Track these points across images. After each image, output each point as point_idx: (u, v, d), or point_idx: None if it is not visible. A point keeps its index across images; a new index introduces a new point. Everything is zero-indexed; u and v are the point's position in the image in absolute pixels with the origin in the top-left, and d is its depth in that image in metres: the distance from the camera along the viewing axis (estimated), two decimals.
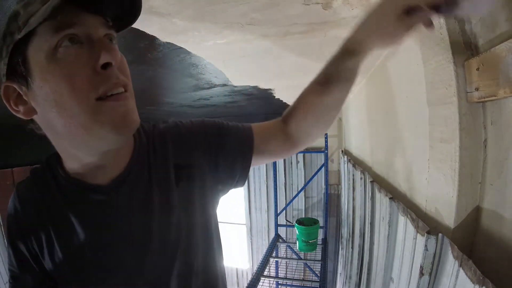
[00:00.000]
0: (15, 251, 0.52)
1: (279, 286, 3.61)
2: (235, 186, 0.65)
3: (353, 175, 2.34)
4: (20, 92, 0.42)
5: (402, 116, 1.18)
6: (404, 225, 1.00)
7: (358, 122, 2.44)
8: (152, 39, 1.02)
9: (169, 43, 1.09)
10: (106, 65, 0.42)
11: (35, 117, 0.45)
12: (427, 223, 0.83)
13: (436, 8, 0.43)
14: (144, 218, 0.52)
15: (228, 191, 0.66)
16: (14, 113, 0.44)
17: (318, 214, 3.91)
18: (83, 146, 0.46)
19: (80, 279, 0.51)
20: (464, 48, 0.69)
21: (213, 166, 0.60)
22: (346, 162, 2.86)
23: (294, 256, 3.58)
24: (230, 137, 0.61)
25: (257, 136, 0.63)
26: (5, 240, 3.22)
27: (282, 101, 2.72)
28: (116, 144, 0.48)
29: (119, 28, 0.48)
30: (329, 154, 3.67)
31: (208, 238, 0.60)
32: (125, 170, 0.53)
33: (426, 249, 0.77)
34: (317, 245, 3.21)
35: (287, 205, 3.84)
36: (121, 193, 0.51)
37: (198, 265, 0.57)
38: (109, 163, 0.51)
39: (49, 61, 0.39)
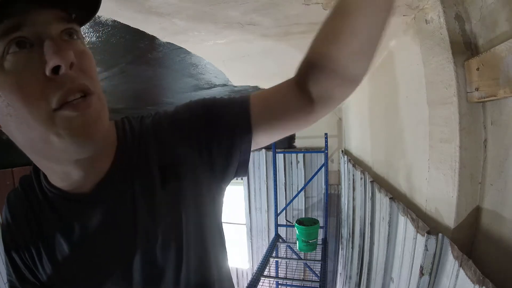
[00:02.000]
0: (11, 262, 0.50)
1: (279, 286, 3.60)
2: (237, 175, 0.55)
3: (353, 175, 2.34)
4: None
5: (402, 116, 1.18)
6: (404, 225, 1.00)
7: (358, 122, 2.44)
8: (152, 39, 1.02)
9: (169, 43, 1.09)
10: (57, 69, 0.36)
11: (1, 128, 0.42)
12: (427, 223, 0.83)
13: None
14: (127, 226, 0.48)
15: (228, 183, 0.57)
16: None
17: (318, 214, 3.90)
18: (50, 157, 0.42)
19: None
20: (464, 48, 0.69)
21: (206, 156, 0.51)
22: (346, 162, 2.86)
23: (294, 256, 3.58)
24: (221, 116, 0.51)
25: (256, 108, 0.51)
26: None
27: None
28: (85, 153, 0.42)
29: (85, 19, 0.42)
30: (329, 154, 3.67)
31: (205, 242, 0.54)
32: (107, 175, 0.48)
33: (426, 249, 0.77)
34: (317, 245, 3.21)
35: (287, 205, 3.84)
36: (103, 201, 0.47)
37: (191, 271, 0.52)
38: (88, 170, 0.46)
39: None
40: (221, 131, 0.51)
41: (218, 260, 0.58)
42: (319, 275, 2.90)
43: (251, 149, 0.54)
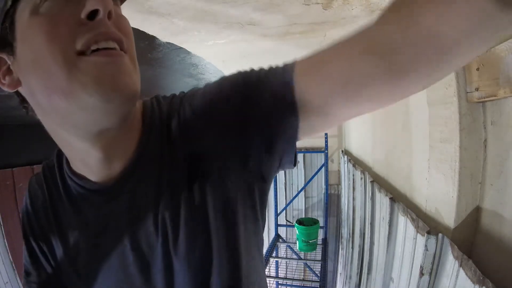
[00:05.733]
0: (26, 246, 0.50)
1: (279, 286, 3.60)
2: (281, 168, 0.45)
3: (353, 175, 2.34)
4: (9, 62, 0.38)
5: (402, 116, 1.18)
6: (404, 225, 1.00)
7: (358, 122, 2.44)
8: (152, 39, 1.02)
9: (169, 43, 1.09)
10: (94, 14, 0.33)
11: (21, 90, 0.39)
12: (427, 223, 0.83)
13: None
14: (148, 228, 0.43)
15: (270, 179, 0.47)
16: (1, 86, 0.39)
17: (318, 214, 3.90)
18: (68, 123, 0.38)
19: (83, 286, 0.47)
20: None
21: (240, 147, 0.42)
22: (346, 162, 2.86)
23: (294, 256, 3.58)
24: (258, 95, 0.40)
25: (304, 78, 0.37)
26: (5, 240, 3.20)
27: None
28: (107, 118, 0.37)
29: None
30: (329, 154, 3.67)
31: (238, 252, 0.45)
32: (130, 162, 0.42)
33: (426, 249, 0.77)
34: (317, 245, 3.21)
35: (287, 205, 3.84)
36: (123, 194, 0.43)
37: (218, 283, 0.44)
38: (110, 152, 0.41)
39: (31, 17, 0.34)
40: (258, 114, 0.40)
41: (252, 271, 0.48)
42: (319, 275, 2.90)
43: (304, 136, 0.41)
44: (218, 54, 1.29)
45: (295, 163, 0.44)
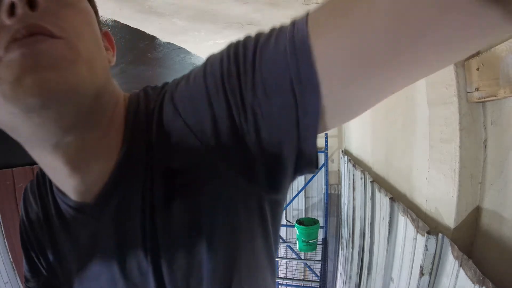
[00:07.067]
0: (24, 254, 0.50)
1: (279, 286, 3.61)
2: (298, 172, 0.32)
3: (353, 175, 2.34)
4: None
5: (402, 116, 1.18)
6: (404, 225, 1.00)
7: (358, 122, 2.44)
8: (152, 39, 1.02)
9: (169, 43, 1.09)
10: (12, 9, 0.26)
11: None
12: (427, 223, 0.83)
13: None
14: (137, 253, 0.35)
15: (281, 190, 0.34)
16: None
17: (318, 214, 3.90)
18: (20, 138, 0.32)
19: None
20: None
21: (234, 146, 0.30)
22: (346, 162, 2.86)
23: (294, 256, 3.58)
24: (262, 68, 0.27)
25: (324, 41, 0.26)
26: (5, 240, 3.20)
27: None
28: (46, 129, 0.29)
29: None
30: (329, 154, 3.67)
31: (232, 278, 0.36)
32: (111, 177, 0.34)
33: (426, 249, 0.77)
34: (317, 245, 3.21)
35: (287, 205, 3.84)
36: (107, 214, 0.36)
37: None
38: (77, 166, 0.33)
39: None
40: (259, 95, 0.28)
41: None
42: (319, 275, 2.90)
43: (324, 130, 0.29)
44: None
45: (317, 165, 0.31)
